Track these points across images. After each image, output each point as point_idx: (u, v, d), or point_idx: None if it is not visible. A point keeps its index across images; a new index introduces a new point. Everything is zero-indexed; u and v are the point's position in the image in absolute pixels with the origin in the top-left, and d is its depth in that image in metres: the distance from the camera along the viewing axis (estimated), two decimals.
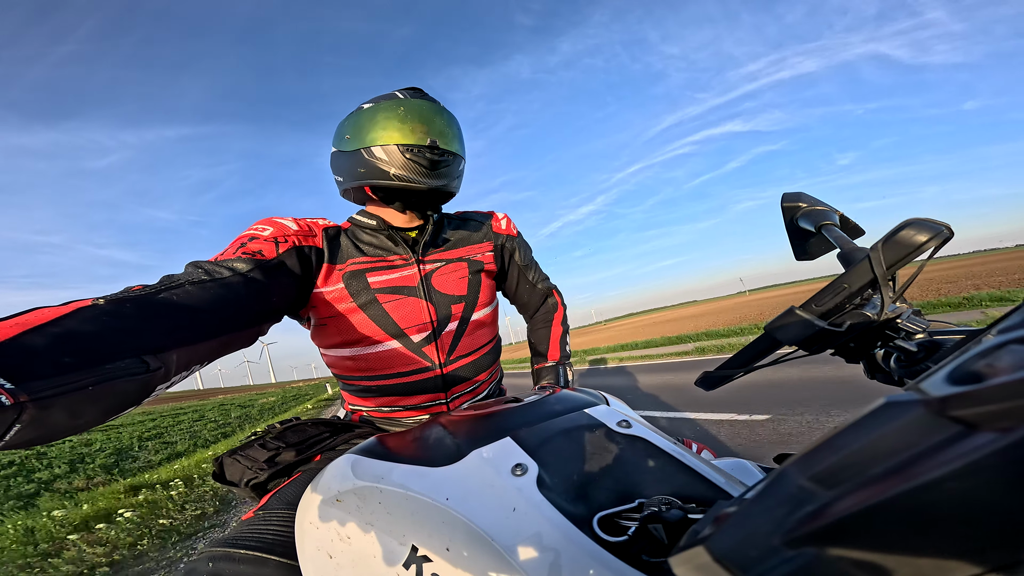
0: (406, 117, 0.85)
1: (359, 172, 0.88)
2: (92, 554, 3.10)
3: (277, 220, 0.85)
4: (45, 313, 0.47)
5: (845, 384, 3.97)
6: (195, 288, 0.64)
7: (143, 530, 3.49)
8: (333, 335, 0.90)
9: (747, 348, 0.62)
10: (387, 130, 0.84)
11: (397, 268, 0.92)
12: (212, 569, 0.56)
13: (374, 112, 0.86)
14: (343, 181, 0.94)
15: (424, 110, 0.87)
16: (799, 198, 0.72)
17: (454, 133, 0.91)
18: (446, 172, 0.89)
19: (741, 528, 0.21)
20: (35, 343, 0.43)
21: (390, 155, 0.84)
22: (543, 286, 1.20)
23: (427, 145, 0.84)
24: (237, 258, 0.73)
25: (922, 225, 0.50)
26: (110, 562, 3.04)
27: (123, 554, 3.15)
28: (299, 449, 0.78)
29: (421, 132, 0.85)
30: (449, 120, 0.91)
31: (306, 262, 0.84)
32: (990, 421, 0.15)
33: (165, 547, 3.24)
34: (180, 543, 3.28)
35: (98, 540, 3.32)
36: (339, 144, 0.91)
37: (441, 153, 0.86)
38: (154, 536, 3.42)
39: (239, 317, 0.70)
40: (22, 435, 0.39)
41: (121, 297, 0.55)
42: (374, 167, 0.85)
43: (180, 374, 0.59)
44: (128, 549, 3.21)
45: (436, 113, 0.89)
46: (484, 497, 0.45)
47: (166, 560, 2.98)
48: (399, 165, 0.84)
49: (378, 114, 0.86)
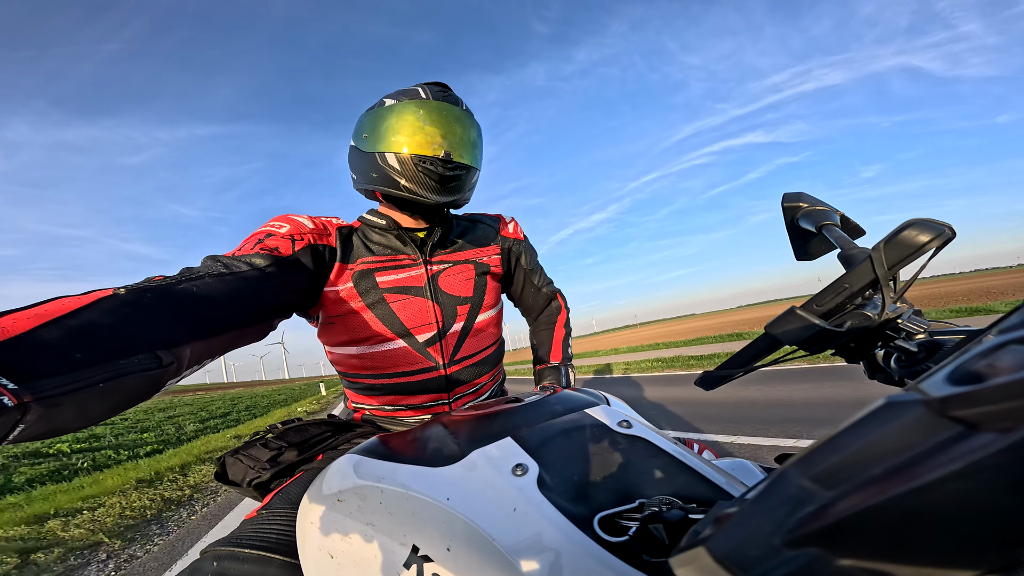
0: (422, 123, 0.83)
1: (372, 176, 0.88)
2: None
3: (293, 217, 0.86)
4: (66, 304, 0.47)
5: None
6: (214, 280, 0.64)
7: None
8: (340, 333, 0.91)
9: (747, 348, 0.62)
10: (402, 135, 0.83)
11: (405, 268, 0.92)
12: (217, 568, 0.56)
13: (392, 112, 0.85)
14: (357, 180, 0.94)
15: (443, 116, 0.85)
16: (800, 198, 0.72)
17: (471, 143, 0.89)
18: (457, 187, 0.88)
19: (742, 528, 0.21)
20: (50, 338, 0.43)
21: (402, 165, 0.83)
22: (547, 290, 1.21)
23: (440, 158, 0.83)
24: (256, 253, 0.74)
25: (924, 225, 0.50)
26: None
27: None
28: (301, 449, 0.79)
29: (436, 142, 0.83)
30: (468, 128, 0.89)
31: (320, 260, 0.84)
32: (990, 421, 0.15)
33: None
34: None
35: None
36: (358, 141, 0.91)
37: (454, 167, 0.85)
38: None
39: (253, 311, 0.70)
40: (28, 432, 0.39)
41: (142, 287, 0.55)
42: (386, 174, 0.85)
43: (191, 368, 0.59)
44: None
45: (455, 120, 0.87)
46: (485, 497, 0.45)
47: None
48: (410, 176, 0.84)
49: (396, 115, 0.84)
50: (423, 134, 0.83)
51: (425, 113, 0.84)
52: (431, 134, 0.84)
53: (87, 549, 2.78)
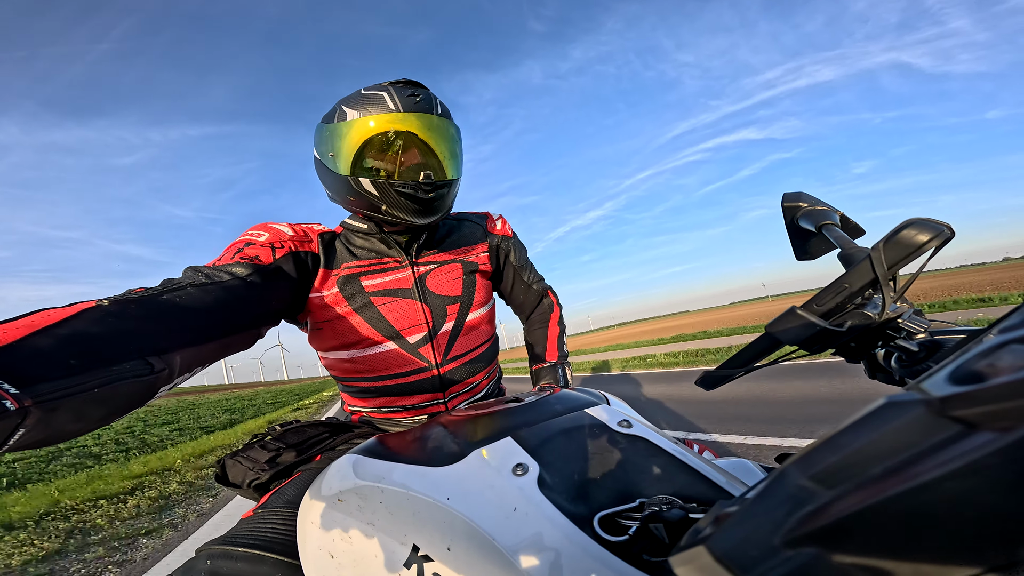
0: (396, 147, 0.80)
1: (349, 200, 0.86)
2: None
3: (272, 225, 0.84)
4: (51, 315, 0.47)
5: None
6: (196, 291, 0.64)
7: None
8: (330, 338, 0.90)
9: (748, 348, 0.62)
10: (375, 160, 0.80)
11: (391, 271, 0.91)
12: (210, 567, 0.57)
13: (360, 130, 0.80)
14: (333, 196, 0.91)
15: (420, 132, 0.81)
16: (800, 198, 0.72)
17: (451, 154, 0.87)
18: (440, 205, 0.86)
19: (742, 528, 0.21)
20: (42, 345, 0.43)
21: (381, 191, 0.81)
22: (538, 287, 1.20)
23: (420, 182, 0.80)
24: (236, 263, 0.74)
25: (923, 225, 0.50)
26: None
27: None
28: (299, 450, 0.79)
29: (415, 165, 0.81)
30: (446, 137, 0.85)
31: (302, 267, 0.84)
32: (990, 421, 0.15)
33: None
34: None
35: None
36: (323, 156, 0.86)
37: (436, 187, 0.82)
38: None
39: (239, 320, 0.70)
40: (27, 438, 0.40)
41: (125, 299, 0.56)
42: (364, 199, 0.83)
43: (183, 375, 0.59)
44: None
45: (432, 133, 0.82)
46: (485, 497, 0.45)
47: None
48: (391, 203, 0.82)
49: (364, 134, 0.79)
50: (400, 158, 0.80)
51: (397, 134, 0.80)
52: (409, 157, 0.81)
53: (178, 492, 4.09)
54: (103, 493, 3.89)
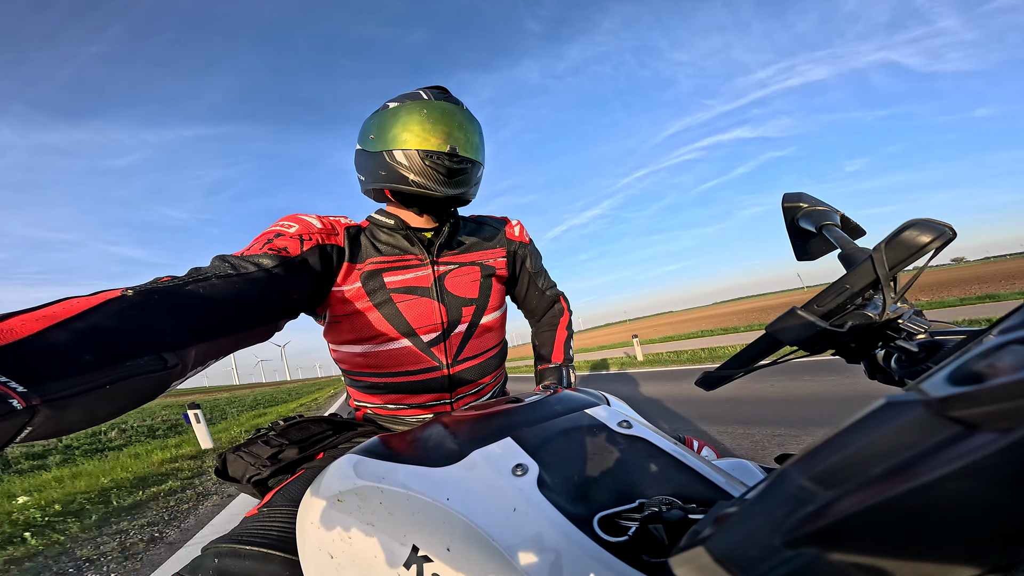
0: (427, 121, 0.85)
1: (380, 175, 0.89)
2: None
3: (302, 217, 0.87)
4: (74, 305, 0.47)
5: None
6: (221, 282, 0.65)
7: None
8: (346, 332, 0.91)
9: (748, 348, 0.62)
10: (408, 133, 0.85)
11: (412, 268, 0.93)
12: (218, 565, 0.57)
13: (397, 113, 0.87)
14: (365, 181, 0.95)
15: (446, 114, 0.87)
16: (800, 198, 0.72)
17: (474, 139, 0.91)
18: (464, 180, 0.90)
19: (741, 528, 0.21)
20: (58, 340, 0.43)
21: (410, 160, 0.85)
22: (551, 293, 1.23)
23: (446, 152, 0.84)
24: (264, 254, 0.74)
25: (925, 226, 0.50)
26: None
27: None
28: (302, 447, 0.79)
29: (441, 138, 0.85)
30: (470, 125, 0.91)
31: (327, 260, 0.85)
32: (990, 421, 0.15)
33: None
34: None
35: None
36: (364, 143, 0.92)
37: (460, 161, 0.86)
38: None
39: (260, 312, 0.71)
40: (34, 434, 0.40)
41: (149, 288, 0.56)
42: (394, 171, 0.86)
43: (196, 369, 0.60)
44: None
45: (458, 118, 0.89)
46: (485, 497, 0.45)
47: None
48: (418, 171, 0.85)
49: (401, 116, 0.86)
50: (428, 131, 0.85)
51: (428, 112, 0.86)
52: (436, 131, 0.85)
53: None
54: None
